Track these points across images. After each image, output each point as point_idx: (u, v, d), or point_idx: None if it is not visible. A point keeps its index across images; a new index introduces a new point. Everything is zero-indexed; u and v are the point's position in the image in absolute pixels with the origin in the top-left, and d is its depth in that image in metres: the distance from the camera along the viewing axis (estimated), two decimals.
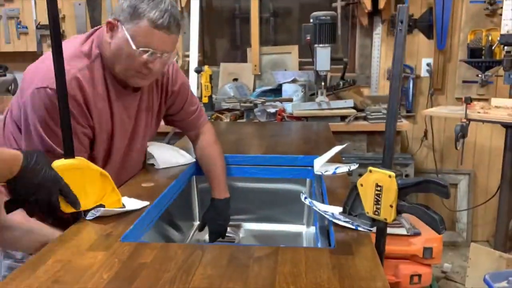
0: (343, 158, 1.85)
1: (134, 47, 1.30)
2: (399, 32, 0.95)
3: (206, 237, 1.74)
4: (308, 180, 1.72)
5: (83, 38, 1.40)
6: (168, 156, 1.68)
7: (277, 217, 1.80)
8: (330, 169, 1.53)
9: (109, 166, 1.43)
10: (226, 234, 1.72)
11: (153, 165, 1.65)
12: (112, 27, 1.34)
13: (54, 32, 1.04)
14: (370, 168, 1.04)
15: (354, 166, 1.54)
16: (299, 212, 1.76)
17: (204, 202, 1.83)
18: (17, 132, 1.36)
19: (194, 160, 1.71)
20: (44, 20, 3.59)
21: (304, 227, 1.78)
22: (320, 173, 1.54)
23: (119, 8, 1.34)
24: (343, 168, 1.53)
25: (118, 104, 1.42)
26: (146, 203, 1.26)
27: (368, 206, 1.05)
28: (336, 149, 1.61)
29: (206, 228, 1.70)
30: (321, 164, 1.56)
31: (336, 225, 1.12)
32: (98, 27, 1.44)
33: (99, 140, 1.39)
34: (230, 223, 1.74)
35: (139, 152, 1.57)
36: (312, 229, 1.62)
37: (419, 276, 2.11)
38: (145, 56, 1.31)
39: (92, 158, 1.34)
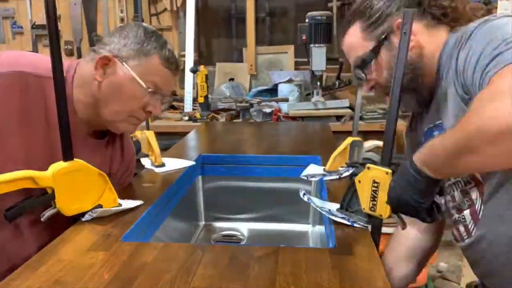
0: None
1: (143, 84, 1.19)
2: (403, 35, 0.94)
3: (215, 237, 1.74)
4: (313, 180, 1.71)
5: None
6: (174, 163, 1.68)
7: (283, 217, 1.80)
8: (317, 175, 1.51)
9: None
10: (233, 234, 1.73)
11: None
12: (105, 64, 1.19)
13: (52, 33, 1.01)
14: (368, 165, 1.05)
15: (347, 172, 1.46)
16: (305, 211, 1.76)
17: (209, 202, 1.84)
18: None
19: (194, 163, 1.71)
20: (39, 20, 3.58)
21: (309, 226, 1.78)
22: (305, 178, 1.52)
23: (115, 43, 1.21)
24: (332, 176, 1.48)
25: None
26: (140, 201, 1.27)
27: (364, 202, 1.07)
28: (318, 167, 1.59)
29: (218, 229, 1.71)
30: (309, 171, 1.55)
31: (334, 223, 1.13)
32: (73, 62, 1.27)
33: None
34: (235, 222, 1.75)
35: None
36: (318, 228, 1.62)
37: None
38: (150, 96, 1.22)
39: None
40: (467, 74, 0.96)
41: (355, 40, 1.21)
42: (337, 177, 1.48)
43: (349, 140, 1.50)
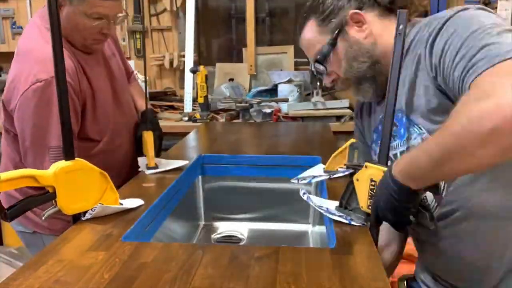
0: None
1: (89, 20, 1.48)
2: (398, 35, 0.97)
3: (215, 237, 1.74)
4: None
5: (36, 27, 1.54)
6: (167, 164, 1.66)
7: (283, 217, 1.80)
8: (307, 178, 1.48)
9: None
10: (232, 234, 1.74)
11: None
12: (60, 5, 1.44)
13: (54, 32, 1.02)
14: (366, 163, 1.06)
15: (341, 174, 1.35)
16: (305, 211, 1.76)
17: (210, 202, 1.84)
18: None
19: (187, 162, 1.69)
20: None
21: (310, 226, 1.78)
22: (296, 181, 1.49)
23: None
24: (322, 177, 1.45)
25: (87, 67, 1.59)
26: (141, 201, 1.27)
27: (362, 200, 1.08)
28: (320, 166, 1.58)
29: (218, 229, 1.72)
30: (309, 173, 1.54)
31: (334, 222, 1.13)
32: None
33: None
34: (236, 222, 1.74)
35: (126, 97, 1.81)
36: (318, 228, 1.62)
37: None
38: (99, 24, 1.50)
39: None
40: (445, 61, 0.98)
41: (311, 35, 1.26)
42: (328, 177, 1.44)
43: (350, 141, 1.50)
